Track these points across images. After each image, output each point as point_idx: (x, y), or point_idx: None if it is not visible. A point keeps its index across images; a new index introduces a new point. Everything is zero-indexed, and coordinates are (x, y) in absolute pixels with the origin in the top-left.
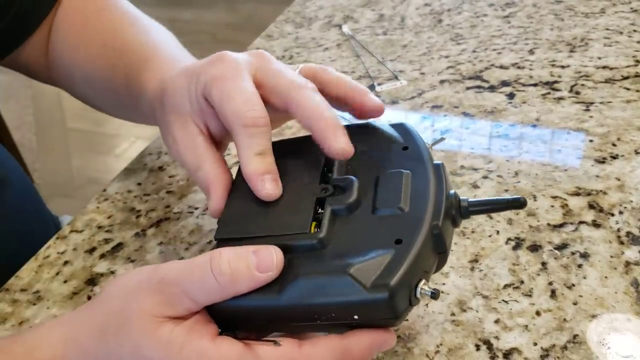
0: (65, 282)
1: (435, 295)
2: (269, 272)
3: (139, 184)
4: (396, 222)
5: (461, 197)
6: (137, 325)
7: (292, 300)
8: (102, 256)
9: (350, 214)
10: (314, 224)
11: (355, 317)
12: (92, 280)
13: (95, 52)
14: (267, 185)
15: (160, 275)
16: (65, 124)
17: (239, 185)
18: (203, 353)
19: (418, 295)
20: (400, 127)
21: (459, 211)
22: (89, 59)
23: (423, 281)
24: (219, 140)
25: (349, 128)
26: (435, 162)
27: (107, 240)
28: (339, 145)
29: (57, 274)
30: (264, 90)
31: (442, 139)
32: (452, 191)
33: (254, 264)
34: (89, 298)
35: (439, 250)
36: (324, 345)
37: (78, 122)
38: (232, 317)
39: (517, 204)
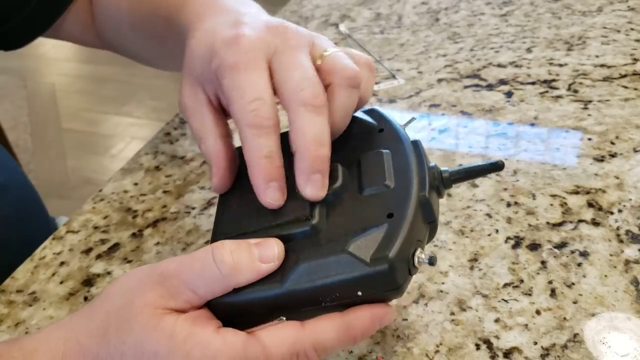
0: (61, 282)
1: (432, 261)
2: (270, 263)
3: (136, 184)
4: (384, 198)
5: (442, 168)
6: (139, 319)
7: (295, 286)
8: (99, 257)
9: (339, 198)
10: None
11: (359, 292)
12: (89, 281)
13: None
14: (271, 195)
15: (160, 269)
16: (60, 124)
17: (226, 207)
18: (208, 344)
19: (416, 263)
20: (372, 112)
21: (442, 181)
22: (131, 6)
23: (419, 250)
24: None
25: None
26: (412, 139)
27: (103, 241)
28: (307, 192)
29: (53, 274)
30: (274, 81)
31: (412, 119)
32: (431, 164)
33: (257, 255)
34: (86, 299)
35: (429, 219)
36: (326, 322)
37: (73, 123)
38: (236, 313)
39: (495, 167)
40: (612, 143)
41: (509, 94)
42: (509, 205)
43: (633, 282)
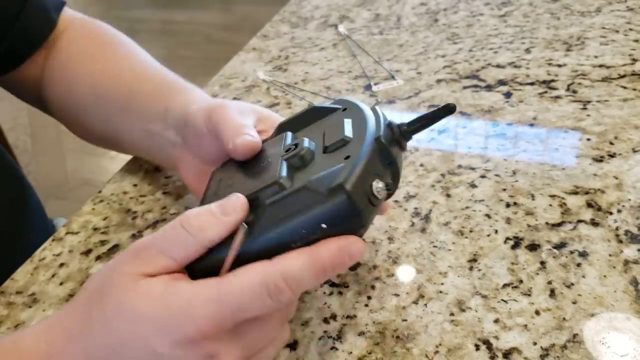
0: (61, 284)
1: (389, 187)
2: (235, 215)
3: (135, 185)
4: (344, 148)
5: (399, 123)
6: (117, 288)
7: (265, 232)
8: (98, 258)
9: (305, 161)
10: None
11: (323, 225)
12: None
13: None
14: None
15: (135, 245)
16: (60, 125)
17: (210, 183)
18: (182, 292)
19: (375, 192)
20: (339, 100)
21: (401, 135)
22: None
23: (376, 180)
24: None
25: (293, 117)
26: (370, 106)
27: (103, 242)
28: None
29: (53, 276)
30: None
31: (377, 103)
32: (390, 120)
33: (219, 211)
34: None
35: (387, 160)
36: (293, 254)
37: None
38: (217, 274)
39: (447, 110)
40: (611, 143)
41: (507, 95)
42: (508, 205)
43: (632, 282)
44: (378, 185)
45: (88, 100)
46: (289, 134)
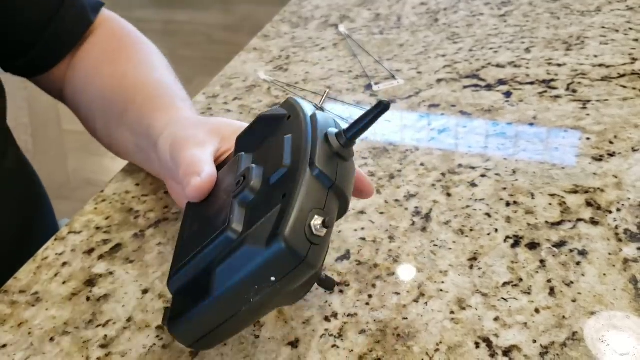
0: (64, 283)
1: (326, 223)
2: None
3: (137, 184)
4: (284, 181)
5: (336, 131)
6: None
7: (219, 291)
8: (101, 257)
9: (255, 195)
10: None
11: (272, 278)
12: (91, 282)
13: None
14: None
15: None
16: (61, 125)
17: (183, 223)
18: None
19: (314, 231)
20: (286, 103)
21: (340, 145)
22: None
23: (316, 217)
24: None
25: (247, 129)
26: (310, 113)
27: (105, 241)
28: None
29: (56, 275)
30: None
31: (326, 92)
32: (329, 129)
33: None
34: (88, 299)
35: (328, 185)
36: None
37: (73, 124)
38: (191, 334)
39: (382, 107)
40: (611, 142)
41: (507, 94)
42: (508, 204)
43: (632, 281)
44: (316, 222)
45: (95, 103)
46: (243, 156)
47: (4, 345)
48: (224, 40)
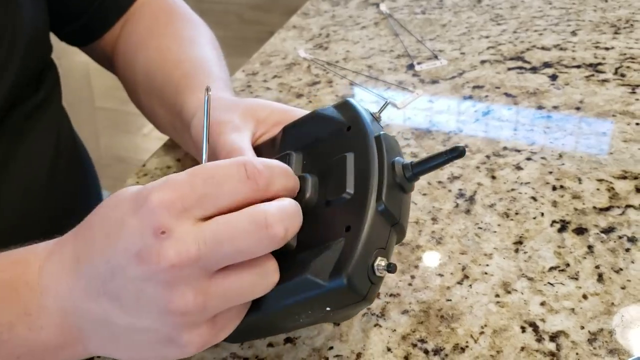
0: None
1: (391, 268)
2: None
3: (178, 159)
4: (345, 208)
5: (403, 162)
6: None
7: (269, 308)
8: None
9: (309, 210)
10: None
11: (327, 308)
12: None
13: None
14: None
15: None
16: (94, 102)
17: None
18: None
19: (377, 272)
20: (343, 106)
21: (405, 177)
22: (146, 75)
23: (379, 258)
24: None
25: (299, 122)
26: (375, 134)
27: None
28: None
29: None
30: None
31: (386, 104)
32: (396, 158)
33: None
34: None
35: (391, 223)
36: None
37: (106, 101)
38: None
39: (457, 153)
40: None
41: (553, 77)
42: (554, 188)
43: None
44: (380, 264)
45: (140, 75)
46: (293, 156)
47: None
48: (255, 20)
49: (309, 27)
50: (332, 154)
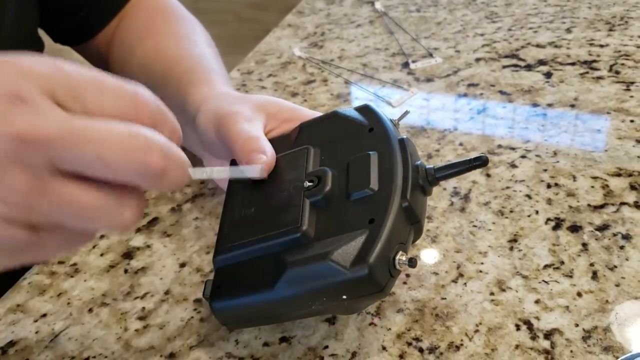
0: (102, 255)
1: (412, 263)
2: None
3: None
4: (368, 202)
5: (427, 166)
6: None
7: (284, 291)
8: (139, 230)
9: (328, 202)
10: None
11: (344, 296)
12: (129, 254)
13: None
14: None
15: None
16: None
17: (230, 200)
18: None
19: (397, 266)
20: (364, 109)
21: (427, 180)
22: (142, 68)
23: (400, 252)
24: None
25: (318, 120)
26: (399, 137)
27: (143, 215)
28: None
29: (94, 247)
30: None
31: (406, 113)
32: (418, 162)
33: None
34: (126, 271)
35: (412, 221)
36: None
37: None
38: (233, 316)
39: (480, 162)
40: None
41: (548, 75)
42: (549, 186)
43: None
44: (401, 258)
45: (137, 73)
46: (312, 150)
47: (44, 315)
48: (252, 18)
49: (304, 25)
50: (351, 152)
